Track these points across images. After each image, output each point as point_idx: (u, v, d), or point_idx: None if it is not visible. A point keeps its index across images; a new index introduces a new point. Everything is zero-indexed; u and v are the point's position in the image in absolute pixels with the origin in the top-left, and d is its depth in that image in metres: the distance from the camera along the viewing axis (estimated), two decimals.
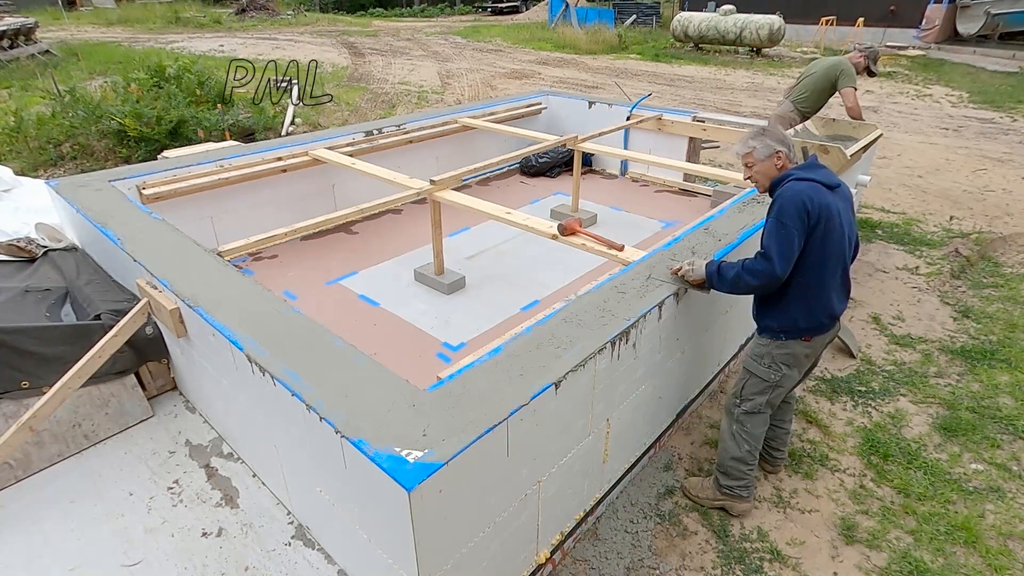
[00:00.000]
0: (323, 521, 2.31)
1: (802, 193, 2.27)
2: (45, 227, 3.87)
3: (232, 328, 2.24)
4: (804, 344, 2.50)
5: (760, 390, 2.60)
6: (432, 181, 3.86)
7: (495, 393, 1.88)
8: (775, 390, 2.59)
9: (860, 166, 4.76)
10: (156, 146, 7.10)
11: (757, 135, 2.46)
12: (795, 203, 2.26)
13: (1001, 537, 2.72)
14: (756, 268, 2.34)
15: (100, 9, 28.59)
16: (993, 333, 4.27)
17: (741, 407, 2.67)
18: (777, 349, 2.52)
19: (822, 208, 2.26)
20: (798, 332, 2.47)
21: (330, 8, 35.59)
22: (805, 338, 2.48)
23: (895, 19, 20.17)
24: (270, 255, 4.74)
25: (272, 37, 21.61)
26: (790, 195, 2.29)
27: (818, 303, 2.40)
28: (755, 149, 2.45)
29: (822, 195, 2.29)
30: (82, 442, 2.87)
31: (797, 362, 2.55)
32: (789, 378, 2.58)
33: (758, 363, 2.58)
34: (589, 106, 6.59)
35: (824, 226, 2.28)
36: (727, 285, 2.44)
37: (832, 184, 2.36)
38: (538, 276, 4.44)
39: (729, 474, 2.73)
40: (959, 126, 10.39)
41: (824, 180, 2.34)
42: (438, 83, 13.94)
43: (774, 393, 2.60)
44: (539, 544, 2.31)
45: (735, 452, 2.69)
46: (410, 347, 3.61)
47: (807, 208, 2.25)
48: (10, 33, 14.38)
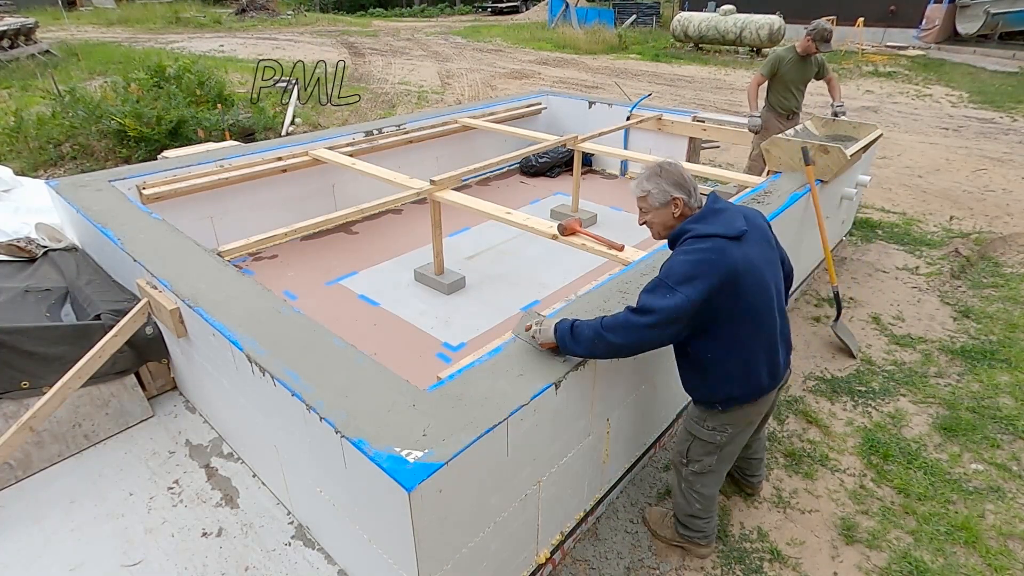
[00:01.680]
0: (323, 521, 2.31)
1: (695, 264, 1.92)
2: (45, 227, 3.87)
3: (232, 328, 2.24)
4: (751, 406, 2.20)
5: (707, 451, 2.30)
6: (432, 181, 3.86)
7: (495, 393, 1.89)
8: (723, 449, 2.29)
9: (860, 166, 4.76)
10: (156, 146, 7.10)
11: (652, 176, 2.08)
12: (685, 274, 1.91)
13: (1001, 537, 2.72)
14: (619, 324, 1.94)
15: (100, 9, 28.60)
16: (993, 333, 4.27)
17: (689, 467, 2.37)
18: (720, 414, 2.22)
19: (726, 271, 1.92)
20: (736, 401, 2.17)
21: (330, 8, 35.58)
22: (751, 400, 2.18)
23: (895, 19, 20.16)
24: (270, 255, 4.74)
25: (272, 37, 21.62)
26: (680, 265, 1.94)
27: (753, 368, 2.10)
28: (649, 193, 2.08)
29: (725, 254, 1.93)
30: (82, 442, 2.87)
31: (747, 422, 2.26)
32: (739, 438, 2.29)
33: (700, 426, 2.28)
34: (589, 106, 6.59)
35: (733, 288, 1.94)
36: (582, 347, 2.00)
37: (735, 234, 1.98)
38: (538, 276, 4.44)
39: (686, 526, 2.51)
40: (959, 126, 10.39)
41: (726, 232, 1.97)
42: (438, 83, 13.94)
43: (723, 452, 2.30)
44: (539, 544, 2.31)
45: (687, 510, 2.46)
46: (410, 347, 3.62)
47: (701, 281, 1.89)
48: (10, 33, 14.38)
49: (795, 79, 5.23)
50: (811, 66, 5.24)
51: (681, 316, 1.91)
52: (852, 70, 15.81)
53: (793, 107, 5.36)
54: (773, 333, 2.14)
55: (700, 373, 2.17)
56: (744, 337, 2.05)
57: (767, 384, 2.17)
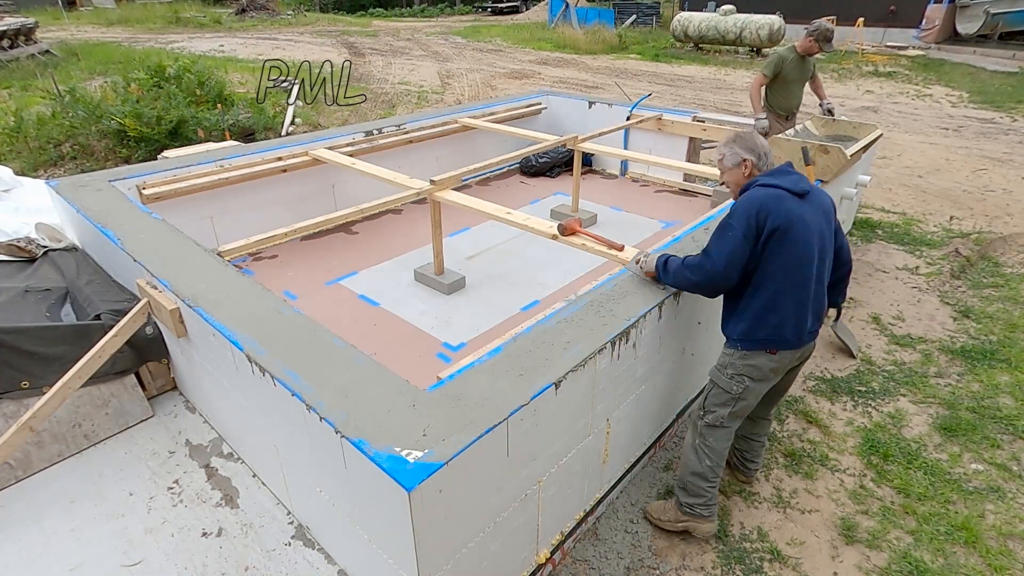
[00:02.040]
0: (323, 521, 2.31)
1: (758, 199, 2.22)
2: (45, 227, 3.87)
3: (232, 328, 2.24)
4: (769, 357, 2.37)
5: (722, 402, 2.48)
6: (432, 181, 3.86)
7: (495, 393, 1.89)
8: (737, 403, 2.46)
9: (860, 166, 4.76)
10: (156, 146, 7.10)
11: (729, 142, 2.41)
12: (747, 208, 2.21)
13: (1001, 537, 2.72)
14: (694, 264, 2.33)
15: (100, 9, 28.59)
16: (993, 333, 4.27)
17: (704, 419, 2.54)
18: (740, 360, 2.40)
19: (780, 215, 2.18)
20: (759, 343, 2.35)
21: (330, 8, 35.57)
22: (770, 350, 2.36)
23: (895, 19, 20.16)
24: (270, 255, 4.74)
25: (272, 37, 21.62)
26: (745, 200, 2.25)
27: (778, 315, 2.28)
28: (724, 156, 2.41)
29: (783, 202, 2.21)
30: (82, 442, 2.87)
31: (762, 375, 2.41)
32: (753, 392, 2.44)
33: (721, 373, 2.47)
34: (589, 106, 6.59)
35: (782, 233, 2.18)
36: (670, 278, 2.46)
37: (800, 191, 2.26)
38: (538, 276, 4.44)
39: (688, 490, 2.60)
40: (959, 126, 10.39)
41: (791, 187, 2.25)
42: (438, 83, 13.94)
43: (737, 406, 2.47)
44: (539, 544, 2.31)
45: (695, 467, 2.57)
46: (410, 347, 3.62)
47: (759, 214, 2.18)
48: (10, 33, 14.37)
49: (796, 79, 5.23)
50: (810, 66, 5.24)
51: (738, 251, 2.21)
52: (852, 70, 15.81)
53: (793, 107, 5.36)
54: (806, 295, 2.31)
55: (733, 308, 2.42)
56: (779, 286, 2.26)
57: (790, 339, 2.34)
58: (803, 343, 2.39)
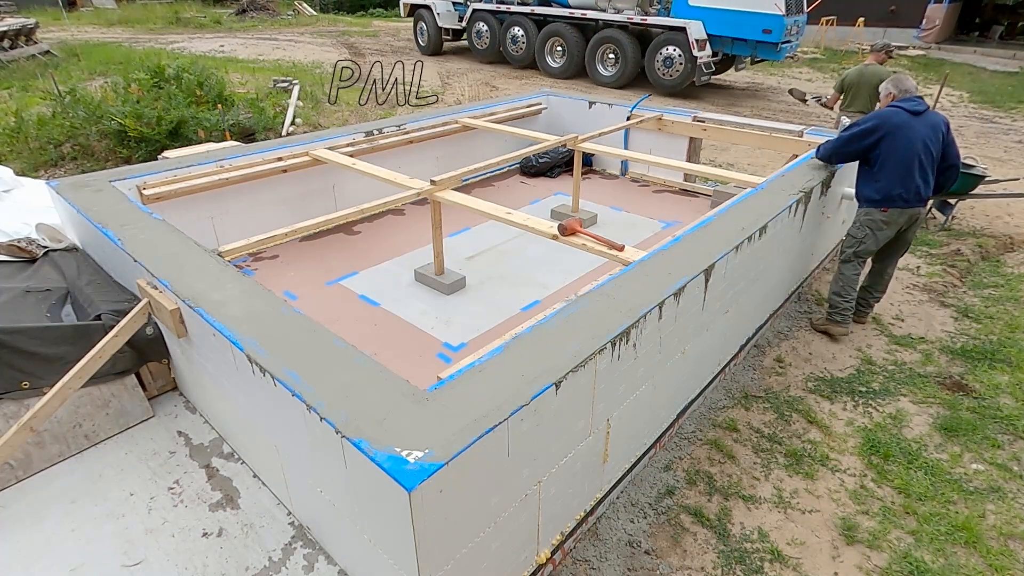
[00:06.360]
0: (323, 521, 2.31)
1: (880, 113, 3.64)
2: (46, 227, 3.87)
3: (232, 328, 2.24)
4: (882, 213, 3.71)
5: (850, 244, 3.93)
6: (432, 181, 3.86)
7: (495, 393, 1.88)
8: (861, 244, 3.86)
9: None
10: (156, 146, 7.09)
11: (888, 81, 3.78)
12: (869, 119, 3.66)
13: (1002, 537, 2.72)
14: (822, 145, 3.99)
15: (100, 9, 28.59)
16: (993, 333, 4.27)
17: (841, 256, 4.00)
18: (864, 216, 3.82)
19: (891, 123, 3.54)
20: (873, 202, 3.73)
21: (330, 8, 35.54)
22: (883, 208, 3.69)
23: (895, 19, 20.16)
24: (270, 255, 4.74)
25: (273, 37, 21.61)
26: (873, 114, 3.67)
27: (886, 182, 3.61)
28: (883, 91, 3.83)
29: (898, 116, 3.55)
30: (83, 442, 2.87)
31: (876, 227, 3.77)
32: (871, 238, 3.81)
33: (853, 224, 3.91)
34: (589, 106, 6.59)
35: (890, 134, 3.54)
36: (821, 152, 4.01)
37: (916, 111, 3.57)
38: (538, 276, 4.44)
39: (830, 303, 4.09)
40: (959, 126, 10.38)
41: (909, 107, 3.58)
42: (438, 83, 13.93)
43: (860, 247, 3.87)
44: (539, 544, 2.31)
45: (835, 288, 4.03)
46: (410, 347, 3.62)
47: (873, 122, 3.60)
48: (10, 34, 14.37)
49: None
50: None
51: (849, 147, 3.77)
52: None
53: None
54: (910, 175, 3.60)
55: (864, 178, 3.80)
56: (889, 166, 3.61)
57: (899, 199, 3.65)
58: (909, 206, 3.67)
